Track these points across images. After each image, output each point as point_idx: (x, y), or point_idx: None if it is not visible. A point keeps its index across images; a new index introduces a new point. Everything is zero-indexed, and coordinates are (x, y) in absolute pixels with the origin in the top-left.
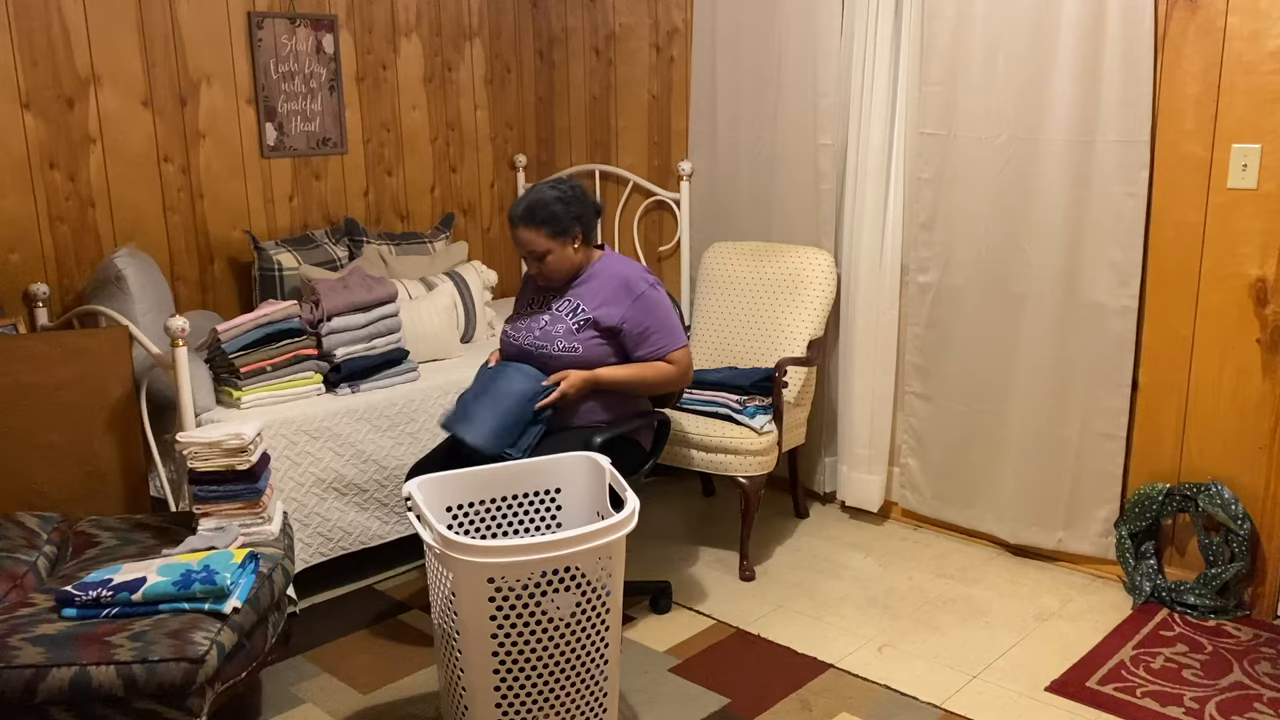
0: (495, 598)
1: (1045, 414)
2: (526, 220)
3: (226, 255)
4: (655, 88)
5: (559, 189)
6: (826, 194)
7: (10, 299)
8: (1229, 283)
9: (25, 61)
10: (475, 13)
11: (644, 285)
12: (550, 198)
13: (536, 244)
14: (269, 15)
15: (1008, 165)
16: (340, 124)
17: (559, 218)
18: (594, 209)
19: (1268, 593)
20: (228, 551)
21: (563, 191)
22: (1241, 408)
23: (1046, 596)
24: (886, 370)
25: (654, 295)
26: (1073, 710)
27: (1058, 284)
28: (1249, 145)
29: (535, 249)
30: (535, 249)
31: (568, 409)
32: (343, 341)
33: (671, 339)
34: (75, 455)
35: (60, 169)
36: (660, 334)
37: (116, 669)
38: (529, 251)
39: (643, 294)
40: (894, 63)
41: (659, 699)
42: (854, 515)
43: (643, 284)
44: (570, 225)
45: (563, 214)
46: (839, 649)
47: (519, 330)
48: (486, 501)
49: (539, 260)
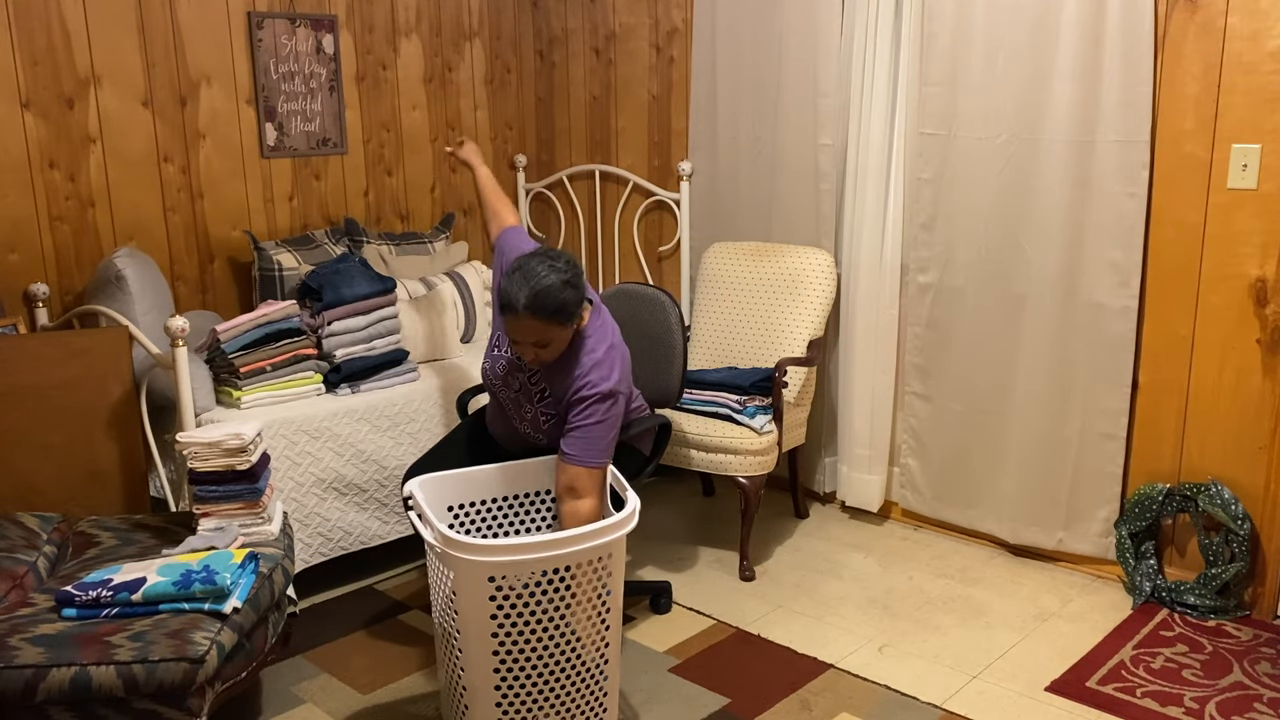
0: (496, 597)
1: (1045, 414)
2: (533, 310)
3: (226, 255)
4: (655, 88)
5: (561, 271)
6: (826, 194)
7: (10, 299)
8: (1229, 283)
9: (25, 61)
10: (475, 13)
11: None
12: (557, 285)
13: (540, 334)
14: (269, 15)
15: (1008, 165)
16: (340, 124)
17: (568, 306)
18: (580, 288)
19: (1268, 593)
20: (228, 551)
21: (566, 274)
22: (1241, 408)
23: (1046, 596)
24: (886, 370)
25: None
26: (1073, 710)
27: (1058, 284)
28: (1249, 145)
29: (539, 339)
30: (539, 339)
31: None
32: (343, 343)
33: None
34: (75, 455)
35: (60, 169)
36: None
37: (116, 669)
38: (528, 339)
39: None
40: (894, 63)
41: (659, 699)
42: (854, 515)
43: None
44: (567, 313)
45: (572, 300)
46: (839, 649)
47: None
48: (487, 501)
49: (537, 348)
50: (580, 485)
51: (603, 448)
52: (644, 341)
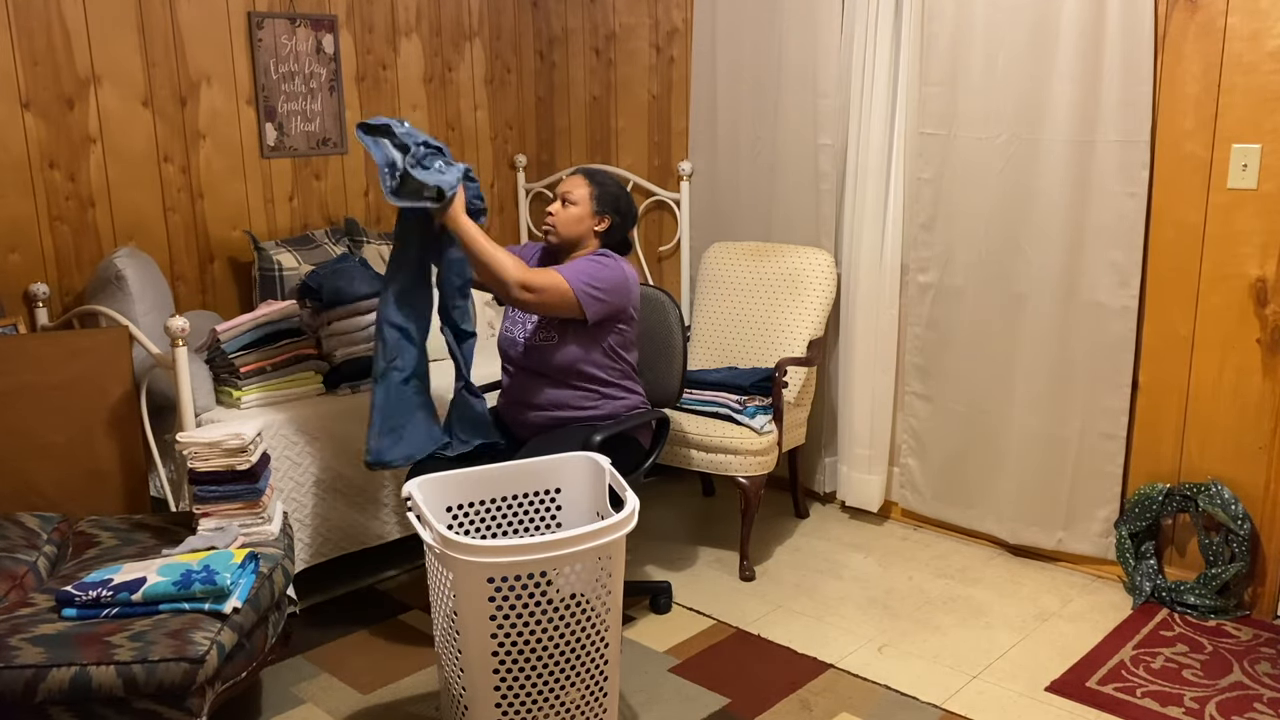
0: (495, 598)
1: (1045, 414)
2: (588, 175)
3: (226, 255)
4: (655, 88)
5: (625, 190)
6: (826, 194)
7: (10, 299)
8: (1229, 283)
9: (25, 61)
10: (475, 13)
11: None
12: (616, 183)
13: (575, 192)
14: (269, 15)
15: (1008, 165)
16: (340, 124)
17: (612, 196)
18: (632, 220)
19: (1268, 593)
20: (228, 551)
21: (625, 192)
22: (1241, 408)
23: (1046, 596)
24: (886, 370)
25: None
26: (1073, 710)
27: (1058, 284)
28: (1249, 145)
29: (570, 195)
30: (570, 195)
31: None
32: (343, 343)
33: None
34: (75, 455)
35: (60, 169)
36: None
37: (116, 669)
38: (562, 194)
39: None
40: (894, 63)
41: (659, 699)
42: (854, 515)
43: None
44: (609, 209)
45: (615, 194)
46: (839, 649)
47: (514, 321)
48: (486, 501)
49: (561, 204)
50: (542, 274)
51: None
52: (644, 341)
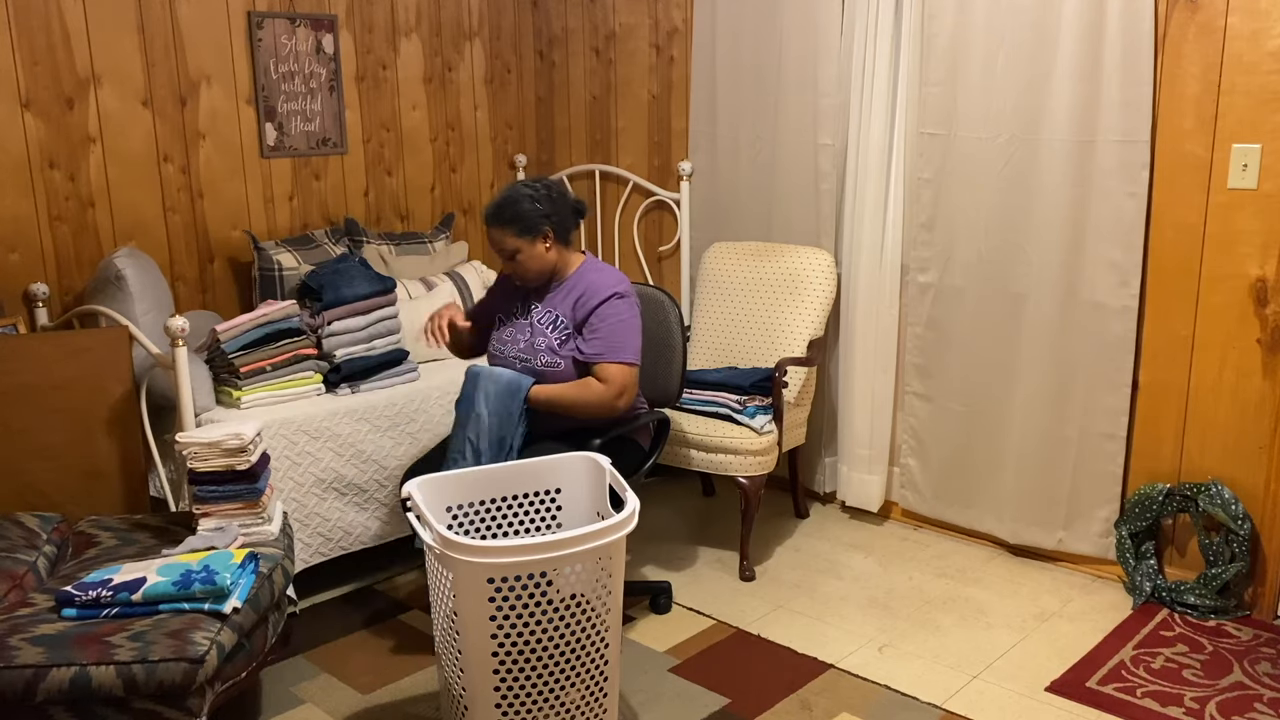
0: (495, 598)
1: (1045, 414)
2: (494, 219)
3: (226, 255)
4: (655, 88)
5: (532, 187)
6: (826, 194)
7: (10, 299)
8: (1229, 283)
9: (25, 61)
10: (475, 13)
11: (609, 293)
12: (521, 195)
13: (505, 243)
14: (269, 15)
15: (1008, 165)
16: (340, 124)
17: (526, 216)
18: (572, 209)
19: (1268, 593)
20: (228, 551)
21: (535, 190)
22: (1241, 408)
23: (1046, 596)
24: (886, 370)
25: (616, 304)
26: (1073, 710)
27: (1058, 284)
28: (1249, 145)
29: (505, 247)
30: (505, 247)
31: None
32: (343, 343)
33: (612, 350)
34: (75, 455)
35: (60, 169)
36: (603, 341)
37: (116, 669)
38: (499, 250)
39: (605, 300)
40: (894, 63)
41: (659, 699)
42: (854, 515)
43: (608, 291)
44: (538, 224)
45: (530, 212)
46: (839, 649)
47: (504, 342)
48: (486, 502)
49: (510, 259)
50: (606, 374)
51: (622, 343)
52: (644, 341)
